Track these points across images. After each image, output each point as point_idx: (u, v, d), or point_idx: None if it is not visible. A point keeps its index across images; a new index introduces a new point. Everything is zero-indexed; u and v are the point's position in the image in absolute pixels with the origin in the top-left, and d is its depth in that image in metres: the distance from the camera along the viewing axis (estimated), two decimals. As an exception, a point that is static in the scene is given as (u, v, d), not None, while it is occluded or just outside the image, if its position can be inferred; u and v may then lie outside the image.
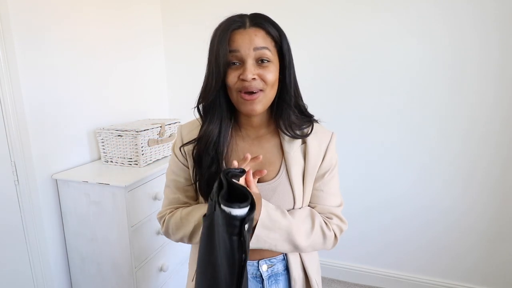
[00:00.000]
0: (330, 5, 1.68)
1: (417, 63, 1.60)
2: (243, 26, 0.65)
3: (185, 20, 1.98)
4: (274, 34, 0.67)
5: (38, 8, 1.27)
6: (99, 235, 1.33)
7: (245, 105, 0.66)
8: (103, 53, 1.60)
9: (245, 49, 0.63)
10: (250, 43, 0.64)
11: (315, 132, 0.74)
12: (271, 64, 0.66)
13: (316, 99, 1.80)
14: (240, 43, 0.64)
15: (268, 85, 0.66)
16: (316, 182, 0.74)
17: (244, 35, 0.64)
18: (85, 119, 1.52)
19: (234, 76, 0.65)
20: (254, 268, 0.76)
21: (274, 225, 0.64)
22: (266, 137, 0.75)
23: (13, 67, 1.18)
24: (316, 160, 0.73)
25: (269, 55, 0.65)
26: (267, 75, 0.65)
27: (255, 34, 0.64)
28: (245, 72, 0.63)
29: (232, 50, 0.64)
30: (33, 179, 1.27)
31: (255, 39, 0.64)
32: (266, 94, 0.66)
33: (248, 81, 0.63)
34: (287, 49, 0.69)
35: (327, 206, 0.74)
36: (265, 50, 0.64)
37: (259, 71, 0.64)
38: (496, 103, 1.52)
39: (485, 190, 1.61)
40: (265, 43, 0.65)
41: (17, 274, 1.26)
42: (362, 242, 1.89)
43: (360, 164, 1.80)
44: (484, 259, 1.67)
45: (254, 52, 0.64)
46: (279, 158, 0.73)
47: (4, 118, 1.18)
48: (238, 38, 0.64)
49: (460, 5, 1.49)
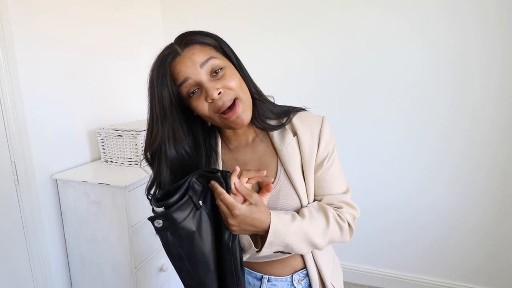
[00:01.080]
0: (334, 4, 1.68)
1: (420, 64, 1.59)
2: (177, 54, 0.61)
3: (185, 19, 1.98)
4: (209, 41, 0.63)
5: (38, 8, 1.27)
6: (99, 235, 1.33)
7: (231, 121, 0.62)
8: (103, 52, 1.60)
9: (193, 73, 0.59)
10: (192, 63, 0.59)
11: (303, 120, 0.71)
12: (226, 69, 0.62)
13: (319, 100, 1.80)
14: (183, 70, 0.60)
15: (236, 89, 0.61)
16: (317, 172, 0.70)
17: (183, 60, 0.60)
18: (85, 119, 1.51)
19: (201, 103, 0.61)
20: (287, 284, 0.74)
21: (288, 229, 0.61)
22: (256, 141, 0.72)
23: (13, 67, 1.18)
24: (311, 149, 0.69)
25: (218, 62, 0.61)
26: (229, 81, 0.60)
27: (192, 53, 0.60)
28: (208, 92, 0.59)
29: (182, 82, 0.60)
30: (33, 179, 1.27)
31: (195, 57, 0.60)
32: (241, 99, 0.62)
33: (217, 99, 0.59)
34: (229, 50, 0.66)
35: (335, 195, 0.70)
36: (211, 60, 0.60)
37: (219, 82, 0.60)
38: (499, 104, 1.51)
39: (488, 191, 1.60)
40: (206, 53, 0.61)
41: (17, 274, 1.26)
42: (365, 243, 1.88)
43: (362, 164, 1.80)
44: (487, 260, 1.67)
45: (202, 69, 0.60)
46: (274, 158, 0.70)
47: (4, 118, 1.18)
48: (179, 67, 0.60)
49: (464, 6, 1.48)
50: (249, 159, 0.71)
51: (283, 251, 0.64)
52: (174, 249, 0.57)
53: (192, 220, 0.57)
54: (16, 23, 1.19)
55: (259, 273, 0.74)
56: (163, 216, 0.54)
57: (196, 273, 0.58)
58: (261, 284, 0.74)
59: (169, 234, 0.56)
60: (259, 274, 0.74)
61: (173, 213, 0.54)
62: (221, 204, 0.58)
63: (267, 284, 0.73)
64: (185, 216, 0.55)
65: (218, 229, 0.61)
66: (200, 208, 0.59)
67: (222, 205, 0.57)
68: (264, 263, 0.73)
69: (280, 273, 0.73)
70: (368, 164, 1.79)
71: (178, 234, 0.55)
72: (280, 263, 0.73)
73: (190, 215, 0.56)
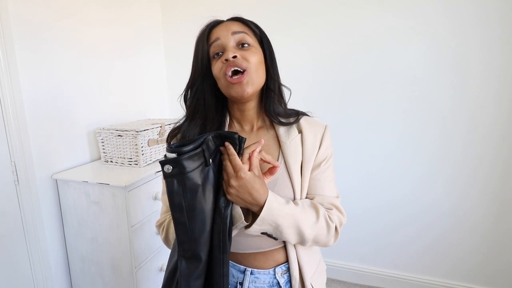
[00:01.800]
0: (333, 3, 1.68)
1: (420, 63, 1.60)
2: (220, 22, 0.70)
3: (185, 19, 1.98)
4: (252, 26, 0.71)
5: (38, 7, 1.27)
6: (99, 235, 1.33)
7: (234, 88, 0.67)
8: (103, 52, 1.60)
9: (224, 35, 0.67)
10: (227, 29, 0.67)
11: (309, 123, 0.77)
12: (253, 48, 0.68)
13: (318, 99, 1.80)
14: (218, 32, 0.68)
15: (251, 64, 0.66)
16: (313, 172, 0.74)
17: (222, 26, 0.69)
18: (85, 119, 1.51)
19: (219, 63, 0.67)
20: (270, 277, 0.75)
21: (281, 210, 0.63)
22: (262, 130, 0.77)
23: (13, 67, 1.18)
24: (312, 149, 0.74)
25: (249, 39, 0.68)
26: (249, 55, 0.66)
27: (232, 23, 0.69)
28: (226, 52, 0.66)
29: (212, 41, 0.68)
30: (33, 179, 1.27)
31: (232, 26, 0.68)
32: (251, 75, 0.67)
33: (231, 60, 0.65)
34: (267, 42, 0.72)
35: (326, 196, 0.74)
36: (244, 34, 0.68)
37: (240, 52, 0.66)
38: (499, 105, 1.51)
39: (487, 192, 1.60)
40: (243, 29, 0.69)
41: (17, 274, 1.26)
42: (364, 243, 1.88)
43: (362, 164, 1.80)
44: (486, 260, 1.67)
45: (233, 36, 0.67)
46: (277, 149, 0.74)
47: (4, 118, 1.18)
48: (216, 30, 0.69)
49: (464, 5, 1.48)
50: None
51: (271, 235, 0.65)
52: (177, 198, 0.58)
53: (199, 173, 0.59)
54: (16, 23, 1.19)
55: (242, 266, 0.75)
56: (174, 162, 0.56)
57: (192, 228, 0.59)
58: (244, 277, 0.74)
59: (175, 182, 0.57)
60: (242, 267, 0.75)
61: (183, 160, 0.56)
62: (228, 165, 0.60)
63: (250, 277, 0.74)
64: (194, 167, 0.57)
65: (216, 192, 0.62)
66: (209, 166, 0.60)
67: (229, 166, 0.60)
68: (248, 255, 0.74)
69: (263, 266, 0.74)
70: (368, 164, 1.79)
71: (184, 183, 0.57)
72: (263, 255, 0.74)
73: (199, 169, 0.58)
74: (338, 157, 1.83)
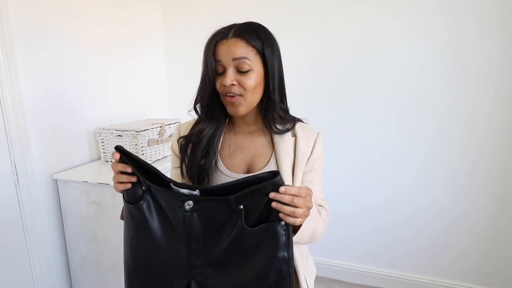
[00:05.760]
0: (330, 3, 1.68)
1: (417, 63, 1.60)
2: (225, 37, 0.71)
3: (185, 19, 1.98)
4: (255, 44, 0.71)
5: (38, 8, 1.27)
6: (99, 235, 1.33)
7: (228, 107, 0.75)
8: (103, 52, 1.60)
9: (225, 60, 0.71)
10: (229, 53, 0.70)
11: (303, 128, 0.81)
12: (251, 72, 0.71)
13: (316, 98, 1.80)
14: (221, 54, 0.71)
15: (248, 90, 0.72)
16: (305, 175, 0.78)
17: (225, 45, 0.71)
18: (85, 119, 1.51)
19: (219, 82, 0.73)
20: None
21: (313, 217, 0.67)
22: (258, 133, 0.81)
23: (13, 67, 1.18)
24: (305, 152, 0.78)
25: (248, 64, 0.70)
26: (246, 82, 0.71)
27: (235, 45, 0.70)
28: (225, 79, 0.70)
29: (216, 60, 0.72)
30: (33, 179, 1.27)
31: (234, 49, 0.70)
32: (246, 98, 0.73)
33: (228, 86, 0.71)
34: (270, 57, 0.73)
35: (317, 199, 0.78)
36: (244, 60, 0.70)
37: (238, 77, 0.71)
38: (497, 103, 1.52)
39: (485, 190, 1.61)
40: (245, 53, 0.70)
41: (17, 274, 1.26)
42: (362, 242, 1.89)
43: (359, 164, 1.80)
44: (484, 259, 1.67)
45: (233, 62, 0.70)
46: (270, 151, 0.79)
47: (4, 118, 1.18)
48: (220, 49, 0.71)
49: (461, 5, 1.49)
50: (247, 145, 0.80)
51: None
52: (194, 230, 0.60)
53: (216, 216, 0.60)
54: (16, 23, 1.18)
55: None
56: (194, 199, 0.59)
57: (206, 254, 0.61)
58: None
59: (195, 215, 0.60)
60: None
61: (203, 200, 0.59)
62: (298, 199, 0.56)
63: None
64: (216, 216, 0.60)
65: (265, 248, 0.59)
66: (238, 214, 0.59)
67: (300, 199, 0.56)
68: None
69: None
70: (365, 163, 1.79)
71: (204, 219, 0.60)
72: None
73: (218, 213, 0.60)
74: (336, 157, 1.84)
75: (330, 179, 1.83)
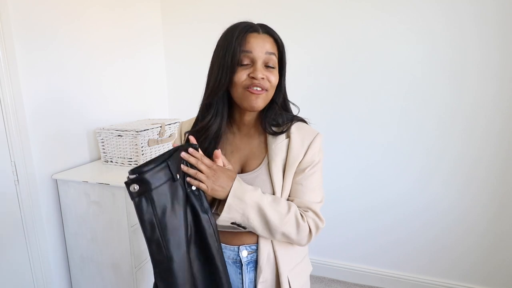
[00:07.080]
0: (330, 4, 1.68)
1: (417, 63, 1.60)
2: (257, 31, 0.72)
3: (185, 20, 1.98)
4: (280, 44, 0.75)
5: (38, 8, 1.27)
6: (99, 235, 1.33)
7: (249, 100, 0.71)
8: (103, 52, 1.60)
9: (258, 52, 0.70)
10: (263, 46, 0.70)
11: (300, 129, 0.80)
12: (275, 70, 0.73)
13: (316, 99, 1.80)
14: (254, 45, 0.70)
15: (272, 86, 0.73)
16: (296, 176, 0.77)
17: (259, 38, 0.71)
18: (85, 119, 1.52)
19: (243, 74, 0.70)
20: (234, 254, 0.79)
21: (245, 195, 0.68)
22: (254, 135, 0.81)
23: (13, 67, 1.18)
24: (297, 154, 0.76)
25: (274, 61, 0.73)
26: (272, 77, 0.72)
27: (267, 40, 0.72)
28: (256, 71, 0.69)
29: (246, 51, 0.70)
30: (33, 179, 1.27)
31: (267, 44, 0.71)
32: (268, 94, 0.73)
33: (258, 79, 0.70)
34: (284, 61, 0.77)
35: (305, 201, 0.76)
36: (273, 56, 0.72)
37: (266, 72, 0.71)
38: (496, 103, 1.52)
39: (485, 191, 1.61)
40: (273, 50, 0.72)
41: (17, 274, 1.26)
42: (362, 242, 1.89)
43: (359, 164, 1.80)
44: (484, 259, 1.67)
45: (265, 55, 0.70)
46: (263, 153, 0.79)
47: (4, 118, 1.18)
48: (253, 40, 0.70)
49: (461, 5, 1.49)
50: (242, 147, 0.81)
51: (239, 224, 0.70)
52: (147, 216, 0.58)
53: (168, 189, 0.60)
54: (16, 23, 1.19)
55: None
56: (138, 180, 0.56)
57: (166, 245, 0.59)
58: None
59: (143, 200, 0.58)
60: None
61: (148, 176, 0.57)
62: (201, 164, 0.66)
63: None
64: (160, 183, 0.58)
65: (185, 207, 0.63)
66: (177, 181, 0.62)
67: (202, 165, 0.66)
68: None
69: (229, 242, 0.78)
70: (365, 163, 1.79)
71: (152, 199, 0.58)
72: (231, 234, 0.78)
73: (166, 184, 0.59)
74: (336, 156, 1.84)
75: (330, 179, 1.83)
